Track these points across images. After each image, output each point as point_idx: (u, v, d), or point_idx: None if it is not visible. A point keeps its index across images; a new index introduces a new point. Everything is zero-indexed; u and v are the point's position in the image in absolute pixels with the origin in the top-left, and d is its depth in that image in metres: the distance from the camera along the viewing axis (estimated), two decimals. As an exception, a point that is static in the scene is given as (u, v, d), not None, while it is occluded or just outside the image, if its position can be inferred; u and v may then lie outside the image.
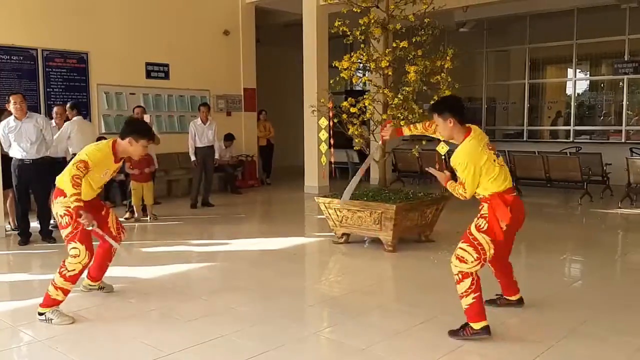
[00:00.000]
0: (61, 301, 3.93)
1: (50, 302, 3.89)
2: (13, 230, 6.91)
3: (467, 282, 3.48)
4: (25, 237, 6.44)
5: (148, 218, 7.93)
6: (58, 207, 3.94)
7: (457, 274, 3.52)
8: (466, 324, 3.52)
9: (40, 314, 3.90)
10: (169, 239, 6.75)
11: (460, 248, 3.54)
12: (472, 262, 3.48)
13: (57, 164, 7.27)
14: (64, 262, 3.92)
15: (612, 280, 5.19)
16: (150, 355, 3.34)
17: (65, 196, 3.86)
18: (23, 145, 6.29)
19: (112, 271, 5.30)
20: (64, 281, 3.89)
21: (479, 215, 3.61)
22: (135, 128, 4.08)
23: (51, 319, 3.86)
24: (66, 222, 3.90)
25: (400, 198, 6.07)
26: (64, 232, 3.92)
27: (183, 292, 4.63)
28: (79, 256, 3.86)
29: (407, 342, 3.53)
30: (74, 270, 3.88)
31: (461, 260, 3.51)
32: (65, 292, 3.93)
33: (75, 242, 3.87)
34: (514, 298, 4.04)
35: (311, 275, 5.52)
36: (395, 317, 4.00)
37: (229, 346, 3.51)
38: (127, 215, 8.01)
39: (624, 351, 3.36)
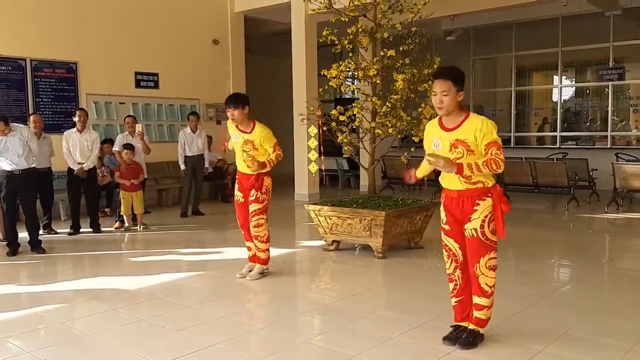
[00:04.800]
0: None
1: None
2: (1, 241, 6.86)
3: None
4: (13, 248, 6.39)
5: (138, 227, 7.90)
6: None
7: (493, 287, 3.41)
8: (479, 332, 3.52)
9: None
10: (159, 248, 6.72)
11: (491, 258, 3.38)
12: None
13: (42, 175, 7.27)
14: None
15: (600, 284, 5.25)
16: (141, 365, 3.34)
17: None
18: (10, 158, 6.29)
19: (102, 281, 5.30)
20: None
21: (482, 217, 3.31)
22: None
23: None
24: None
25: (390, 205, 6.11)
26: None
27: (173, 301, 4.62)
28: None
29: (397, 349, 3.54)
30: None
31: (494, 269, 3.42)
32: None
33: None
34: None
35: (302, 282, 5.52)
36: (386, 324, 4.02)
37: (220, 355, 3.51)
38: (117, 224, 7.98)
39: (613, 355, 3.40)
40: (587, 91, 13.67)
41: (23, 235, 6.55)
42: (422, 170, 3.61)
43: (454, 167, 3.20)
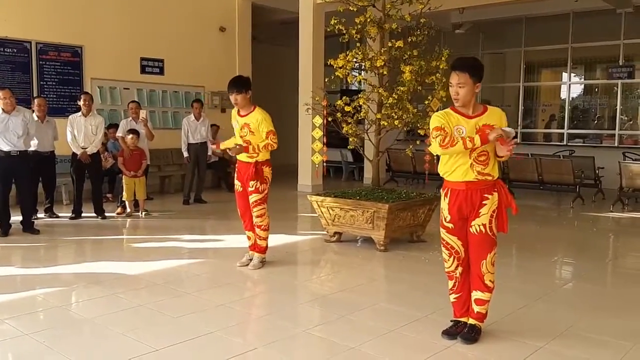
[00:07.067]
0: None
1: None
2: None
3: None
4: (4, 229, 6.40)
5: (140, 213, 7.88)
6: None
7: (494, 281, 3.41)
8: (479, 327, 3.51)
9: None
10: (160, 235, 6.71)
11: (495, 254, 3.38)
12: None
13: (45, 159, 7.29)
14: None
15: (603, 283, 5.20)
16: (139, 350, 3.32)
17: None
18: (9, 138, 6.29)
19: (102, 266, 5.29)
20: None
21: (490, 211, 3.30)
22: None
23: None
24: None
25: (393, 198, 6.07)
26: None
27: (173, 287, 4.60)
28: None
29: (397, 342, 3.52)
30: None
31: (494, 264, 3.40)
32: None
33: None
34: None
35: (302, 273, 5.50)
36: (386, 316, 3.99)
37: (218, 343, 3.49)
38: (118, 210, 7.97)
39: (613, 354, 3.36)
40: (596, 89, 13.54)
41: (17, 218, 6.56)
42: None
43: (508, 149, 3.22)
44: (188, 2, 10.70)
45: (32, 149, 6.71)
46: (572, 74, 13.28)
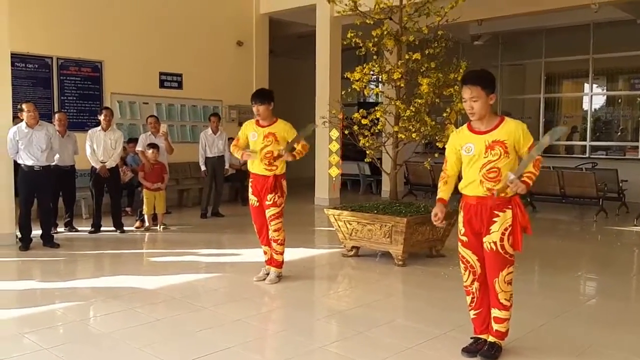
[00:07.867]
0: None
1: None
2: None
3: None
4: (26, 243, 6.46)
5: (158, 227, 7.92)
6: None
7: (511, 299, 3.33)
8: (500, 345, 3.41)
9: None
10: (178, 249, 6.72)
11: (510, 272, 3.28)
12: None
13: (65, 173, 7.39)
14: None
15: (627, 298, 5.06)
16: (153, 366, 3.30)
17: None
18: (33, 152, 6.37)
19: (120, 280, 5.31)
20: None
21: (502, 229, 3.22)
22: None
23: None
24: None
25: (412, 211, 6.00)
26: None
27: (190, 302, 4.59)
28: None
29: (415, 359, 3.44)
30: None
31: (511, 283, 3.32)
32: None
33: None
34: None
35: (319, 288, 5.45)
36: (403, 333, 3.92)
37: (234, 358, 3.46)
38: (137, 224, 8.01)
39: (640, 374, 3.25)
40: (619, 100, 13.33)
41: (38, 232, 6.62)
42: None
43: (523, 185, 3.12)
44: (206, 17, 10.82)
45: (54, 163, 6.80)
46: (594, 85, 13.10)
